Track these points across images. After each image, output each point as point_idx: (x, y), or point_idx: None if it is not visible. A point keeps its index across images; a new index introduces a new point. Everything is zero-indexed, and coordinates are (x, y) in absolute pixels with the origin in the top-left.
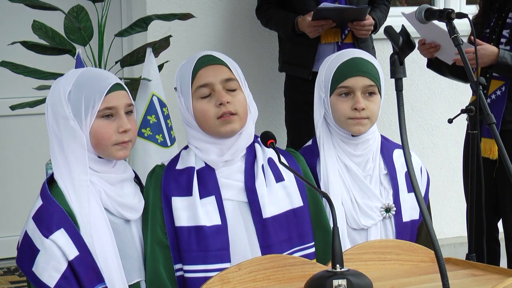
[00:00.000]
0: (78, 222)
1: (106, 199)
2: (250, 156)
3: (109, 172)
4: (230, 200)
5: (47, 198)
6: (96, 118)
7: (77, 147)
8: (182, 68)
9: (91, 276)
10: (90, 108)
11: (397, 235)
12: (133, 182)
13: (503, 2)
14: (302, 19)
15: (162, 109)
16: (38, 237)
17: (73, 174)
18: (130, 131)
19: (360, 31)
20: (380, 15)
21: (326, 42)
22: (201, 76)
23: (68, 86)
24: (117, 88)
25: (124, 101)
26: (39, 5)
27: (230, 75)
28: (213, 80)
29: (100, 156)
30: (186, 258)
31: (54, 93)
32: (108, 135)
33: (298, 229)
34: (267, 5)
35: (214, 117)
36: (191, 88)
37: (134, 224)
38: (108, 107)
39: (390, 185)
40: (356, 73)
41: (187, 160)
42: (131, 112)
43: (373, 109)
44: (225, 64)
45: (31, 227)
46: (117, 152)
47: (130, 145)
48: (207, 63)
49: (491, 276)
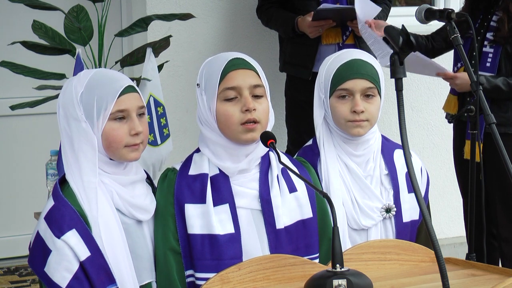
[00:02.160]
0: (89, 222)
1: (118, 200)
2: (264, 164)
3: (120, 174)
4: (244, 208)
5: (58, 199)
6: (108, 120)
7: (87, 149)
8: (209, 66)
9: (103, 277)
10: (103, 110)
11: (397, 236)
12: (145, 183)
13: (487, 4)
14: (302, 19)
15: (156, 108)
16: (50, 238)
17: (82, 175)
18: (142, 133)
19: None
20: (381, 14)
21: (327, 43)
22: (230, 78)
23: (80, 88)
24: (129, 91)
25: (136, 104)
26: (39, 5)
27: (258, 81)
28: (242, 84)
29: (111, 158)
30: (199, 266)
31: (66, 94)
32: (120, 137)
33: (306, 240)
34: (268, 5)
35: (237, 123)
36: (217, 89)
37: (145, 225)
38: (120, 110)
39: (391, 185)
40: (355, 75)
41: (201, 166)
42: (143, 114)
43: (372, 111)
44: (255, 69)
45: (43, 228)
46: (128, 154)
47: (141, 147)
48: (238, 66)
49: (491, 276)
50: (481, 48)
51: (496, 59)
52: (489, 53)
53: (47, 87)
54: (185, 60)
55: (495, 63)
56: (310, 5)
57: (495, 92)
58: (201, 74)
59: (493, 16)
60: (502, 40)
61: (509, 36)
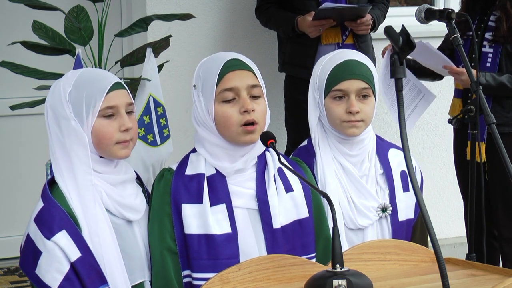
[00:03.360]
0: (79, 223)
1: (107, 200)
2: (261, 164)
3: (110, 173)
4: (240, 208)
5: (48, 200)
6: (97, 117)
7: (79, 148)
8: (206, 67)
9: (94, 277)
10: (91, 107)
11: (393, 235)
12: (135, 183)
13: (484, 4)
14: (302, 19)
15: (156, 108)
16: (40, 239)
17: (76, 175)
18: (131, 129)
19: (359, 28)
20: (378, 13)
21: (327, 43)
22: (228, 79)
23: (68, 87)
24: (117, 87)
25: (124, 100)
26: (39, 5)
27: (255, 81)
28: (240, 85)
29: (101, 156)
30: (196, 265)
31: (54, 94)
32: (110, 134)
33: (302, 240)
34: (267, 5)
35: (237, 124)
36: (215, 90)
37: (136, 224)
38: (109, 106)
39: (386, 184)
40: (350, 76)
41: (197, 166)
42: (132, 111)
43: (367, 112)
44: (252, 70)
45: (33, 229)
46: (119, 151)
47: (131, 144)
48: (235, 67)
49: (491, 276)
50: (480, 48)
51: (497, 59)
52: (488, 53)
53: (47, 87)
54: (185, 60)
55: (496, 63)
56: (309, 4)
57: (501, 90)
58: (197, 75)
59: (491, 16)
60: (502, 39)
61: (508, 35)
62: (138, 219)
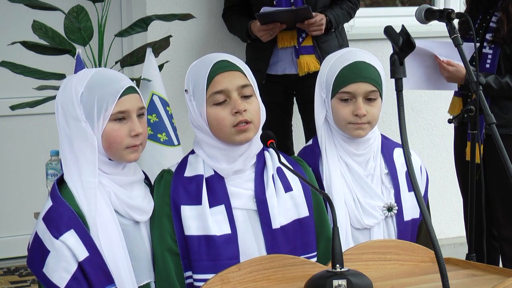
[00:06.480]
0: (87, 223)
1: (115, 201)
2: (259, 164)
3: (119, 174)
4: (239, 208)
5: (56, 199)
6: (109, 121)
7: (87, 149)
8: (195, 71)
9: (101, 277)
10: (103, 111)
11: (399, 234)
12: (143, 183)
13: (487, 4)
14: (254, 23)
15: (165, 108)
16: (48, 238)
17: (82, 175)
18: (142, 134)
19: (311, 29)
20: (339, 12)
21: (283, 46)
22: (217, 82)
23: (80, 88)
24: (130, 91)
25: (136, 105)
26: (39, 5)
27: (245, 81)
28: (230, 86)
29: (110, 158)
30: (196, 267)
31: (66, 93)
32: (120, 138)
33: (303, 239)
34: (230, 12)
35: (229, 126)
36: (205, 94)
37: (143, 225)
38: (121, 111)
39: (391, 184)
40: (358, 78)
41: (196, 167)
42: (143, 115)
43: (374, 114)
44: (241, 70)
45: (41, 228)
46: (128, 155)
47: (141, 148)
48: (223, 69)
49: (491, 276)
50: (481, 49)
51: (495, 60)
52: (488, 54)
53: (47, 87)
54: (185, 60)
55: (494, 64)
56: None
57: (504, 91)
58: (188, 79)
59: (492, 17)
60: (501, 41)
61: (508, 37)
62: (146, 220)
